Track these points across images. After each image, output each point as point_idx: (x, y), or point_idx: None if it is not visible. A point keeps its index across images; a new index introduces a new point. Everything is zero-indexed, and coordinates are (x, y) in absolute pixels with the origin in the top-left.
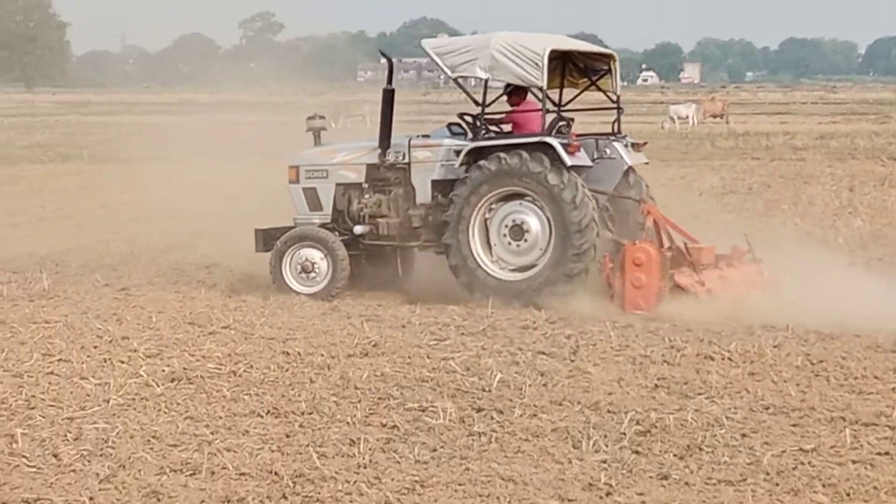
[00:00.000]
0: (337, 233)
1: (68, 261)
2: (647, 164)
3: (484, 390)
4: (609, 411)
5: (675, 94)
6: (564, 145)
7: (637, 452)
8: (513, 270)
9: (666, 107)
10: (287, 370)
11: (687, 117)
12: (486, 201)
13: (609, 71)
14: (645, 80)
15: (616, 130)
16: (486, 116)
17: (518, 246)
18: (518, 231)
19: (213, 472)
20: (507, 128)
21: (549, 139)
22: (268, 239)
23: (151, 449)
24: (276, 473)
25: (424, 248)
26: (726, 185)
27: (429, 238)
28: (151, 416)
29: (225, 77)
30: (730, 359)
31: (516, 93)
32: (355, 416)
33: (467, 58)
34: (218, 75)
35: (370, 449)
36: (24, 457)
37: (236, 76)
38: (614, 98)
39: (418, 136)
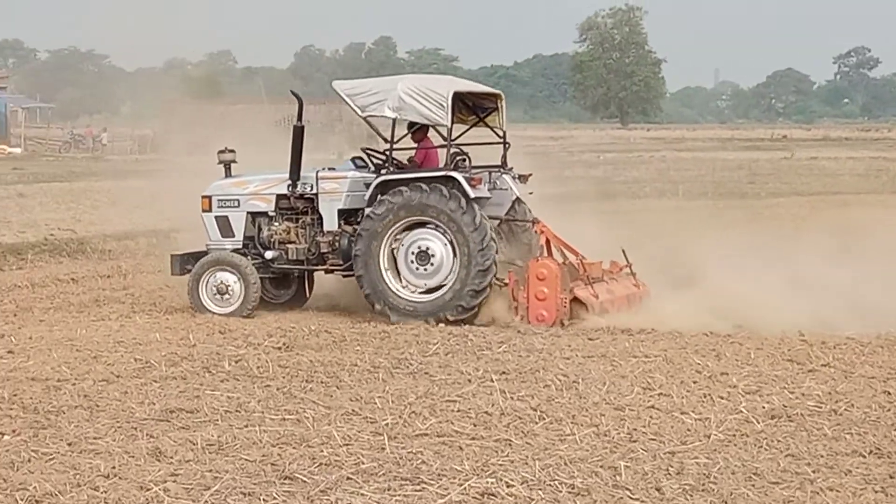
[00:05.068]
0: (248, 257)
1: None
2: (531, 194)
3: None
4: None
5: None
6: (468, 179)
7: None
8: (423, 293)
9: None
10: (889, 410)
11: None
12: (392, 232)
13: (496, 108)
14: None
15: (503, 163)
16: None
17: (425, 270)
18: (424, 256)
19: None
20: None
21: (453, 173)
22: (183, 263)
23: (752, 486)
24: None
25: (330, 272)
26: None
27: (335, 262)
28: (752, 453)
29: (818, 112)
30: None
31: (420, 130)
32: None
33: (376, 98)
34: (811, 111)
35: None
36: (627, 489)
37: (828, 112)
38: (500, 134)
39: (324, 168)
